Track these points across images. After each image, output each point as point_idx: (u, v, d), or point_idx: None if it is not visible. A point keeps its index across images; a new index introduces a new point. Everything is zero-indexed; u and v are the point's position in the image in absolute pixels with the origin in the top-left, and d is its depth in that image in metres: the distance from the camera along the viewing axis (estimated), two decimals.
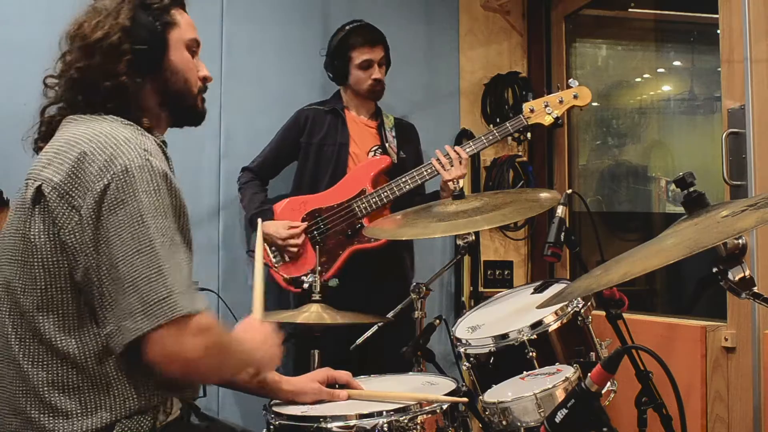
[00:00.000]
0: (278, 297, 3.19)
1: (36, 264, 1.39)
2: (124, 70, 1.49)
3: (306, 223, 3.02)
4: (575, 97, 2.94)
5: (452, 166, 2.86)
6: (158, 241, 1.34)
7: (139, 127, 1.50)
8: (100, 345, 1.38)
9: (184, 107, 1.63)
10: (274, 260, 3.06)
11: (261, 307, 1.71)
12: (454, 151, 2.89)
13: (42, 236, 1.38)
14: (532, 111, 2.95)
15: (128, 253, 1.32)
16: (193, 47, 1.63)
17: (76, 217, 1.36)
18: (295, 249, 2.99)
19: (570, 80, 3.00)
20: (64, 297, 1.39)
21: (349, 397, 1.82)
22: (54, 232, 1.38)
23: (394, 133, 3.19)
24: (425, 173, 2.93)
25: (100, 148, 1.39)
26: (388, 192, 2.95)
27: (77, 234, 1.36)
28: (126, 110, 1.51)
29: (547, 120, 2.94)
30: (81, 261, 1.36)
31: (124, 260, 1.32)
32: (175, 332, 1.32)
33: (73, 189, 1.37)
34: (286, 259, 3.04)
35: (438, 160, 2.89)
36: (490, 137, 2.96)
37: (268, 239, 3.04)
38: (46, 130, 1.56)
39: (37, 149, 1.57)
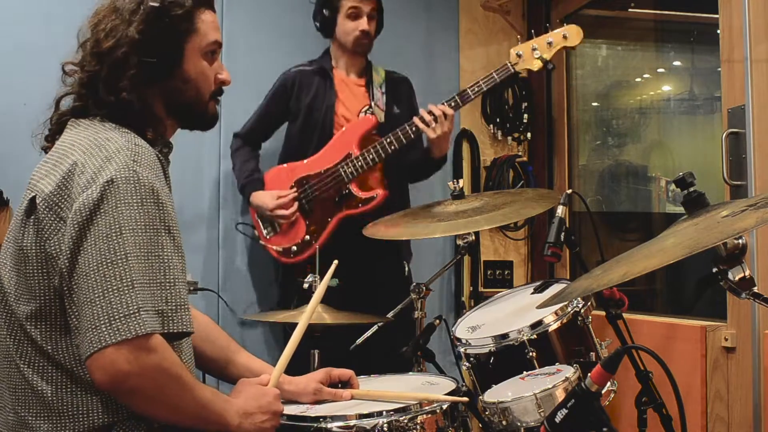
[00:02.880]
0: (279, 297, 3.19)
1: (27, 274, 1.39)
2: (127, 85, 1.47)
3: (294, 190, 2.97)
4: (565, 37, 2.78)
5: (437, 122, 2.81)
6: (134, 254, 1.32)
7: (137, 135, 1.47)
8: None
9: (193, 114, 1.60)
10: (264, 232, 3.03)
11: (280, 372, 1.65)
12: (438, 108, 2.82)
13: (33, 248, 1.38)
14: (519, 56, 2.82)
15: (102, 263, 1.30)
16: (212, 50, 1.58)
17: (62, 228, 1.35)
18: (284, 219, 2.95)
19: (560, 19, 2.84)
20: (52, 308, 1.38)
21: (352, 397, 1.82)
22: (41, 243, 1.37)
23: (383, 90, 3.11)
24: (410, 132, 2.85)
25: (91, 160, 1.38)
26: (374, 154, 2.89)
27: (59, 244, 1.35)
28: (128, 119, 1.49)
29: (536, 64, 2.80)
30: (58, 269, 1.35)
31: (97, 271, 1.30)
32: (130, 349, 1.29)
33: (62, 200, 1.37)
34: (278, 229, 3.00)
35: (421, 118, 2.83)
36: (476, 89, 2.86)
37: (257, 211, 3.02)
38: (55, 129, 1.55)
39: (45, 148, 1.56)
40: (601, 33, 3.98)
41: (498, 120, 3.73)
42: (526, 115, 3.72)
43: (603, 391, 1.48)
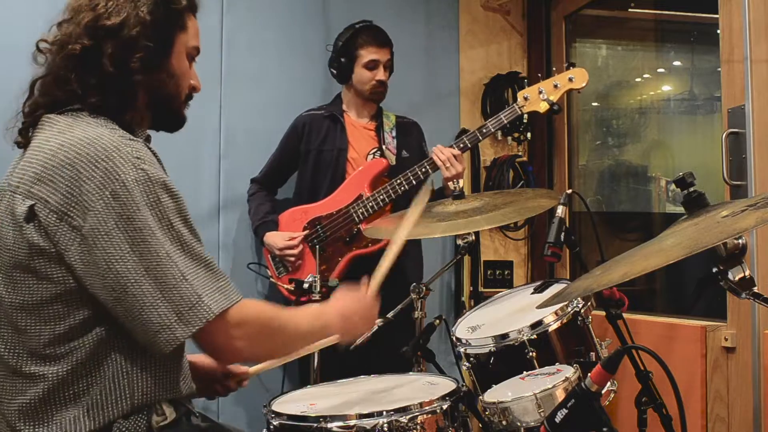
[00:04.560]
0: (279, 297, 3.19)
1: (27, 276, 1.37)
2: (137, 65, 1.46)
3: (305, 232, 3.03)
4: (571, 80, 2.82)
5: (450, 164, 2.84)
6: (173, 249, 1.36)
7: (124, 131, 1.45)
8: (88, 352, 1.37)
9: (168, 111, 1.60)
10: (276, 272, 3.09)
11: (378, 281, 1.77)
12: (447, 151, 2.85)
13: (37, 252, 1.36)
14: (526, 99, 2.87)
15: (150, 267, 1.33)
16: (192, 54, 1.61)
17: (78, 237, 1.33)
18: (292, 258, 3.02)
19: (567, 63, 2.90)
20: (55, 308, 1.37)
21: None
22: (57, 252, 1.35)
23: (394, 134, 3.17)
24: (420, 173, 2.90)
25: (93, 163, 1.35)
26: (384, 195, 2.94)
27: (84, 254, 1.33)
28: (111, 105, 1.47)
29: (543, 107, 2.85)
30: (91, 281, 1.34)
31: (148, 274, 1.33)
32: (215, 330, 1.38)
33: (71, 209, 1.34)
34: (289, 269, 3.06)
35: (438, 157, 2.86)
36: (484, 130, 2.89)
37: (269, 250, 3.10)
38: (29, 122, 1.51)
39: (19, 143, 1.52)
40: (601, 33, 3.99)
41: None
42: (526, 115, 3.71)
43: (603, 391, 1.48)
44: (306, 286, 2.44)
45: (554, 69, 2.92)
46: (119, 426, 1.39)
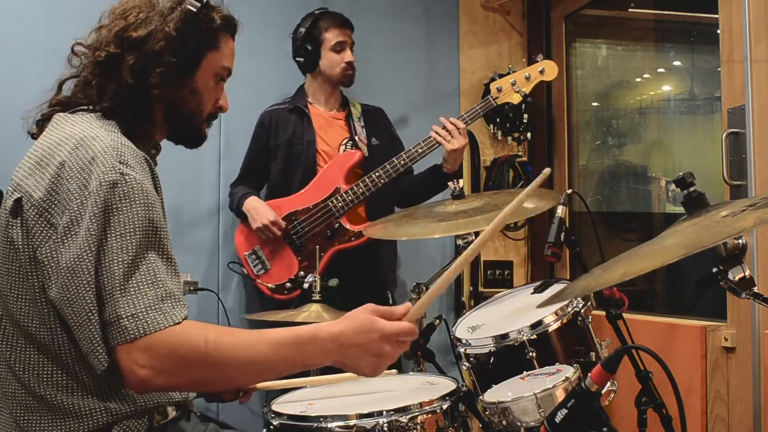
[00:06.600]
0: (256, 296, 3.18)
1: (22, 273, 1.37)
2: (156, 80, 1.46)
3: (285, 225, 2.97)
4: (542, 72, 2.92)
5: (452, 136, 2.83)
6: (117, 261, 1.28)
7: (123, 136, 1.43)
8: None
9: (187, 127, 1.60)
10: (255, 270, 3.03)
11: (421, 308, 1.46)
12: (450, 122, 2.84)
13: (26, 250, 1.36)
14: (499, 90, 2.93)
15: (97, 272, 1.28)
16: (222, 75, 1.60)
17: (54, 235, 1.33)
18: (272, 236, 2.94)
19: (537, 56, 3.00)
20: (51, 308, 1.36)
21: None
22: (31, 247, 1.35)
23: (362, 123, 3.14)
24: (399, 166, 2.88)
25: (79, 163, 1.35)
26: (363, 188, 2.91)
27: (53, 252, 1.33)
28: (123, 113, 1.47)
29: (516, 98, 2.94)
30: (55, 280, 1.32)
31: (95, 281, 1.28)
32: (125, 354, 1.27)
33: (52, 206, 1.34)
34: (268, 266, 3.01)
35: (436, 132, 2.85)
36: (466, 119, 2.91)
37: (250, 215, 2.98)
38: (46, 114, 1.52)
39: (33, 134, 1.54)
40: (601, 33, 3.99)
41: (498, 120, 3.72)
42: (526, 115, 3.72)
43: (603, 391, 1.48)
44: (306, 286, 2.44)
45: (523, 60, 2.99)
46: (121, 426, 1.39)
